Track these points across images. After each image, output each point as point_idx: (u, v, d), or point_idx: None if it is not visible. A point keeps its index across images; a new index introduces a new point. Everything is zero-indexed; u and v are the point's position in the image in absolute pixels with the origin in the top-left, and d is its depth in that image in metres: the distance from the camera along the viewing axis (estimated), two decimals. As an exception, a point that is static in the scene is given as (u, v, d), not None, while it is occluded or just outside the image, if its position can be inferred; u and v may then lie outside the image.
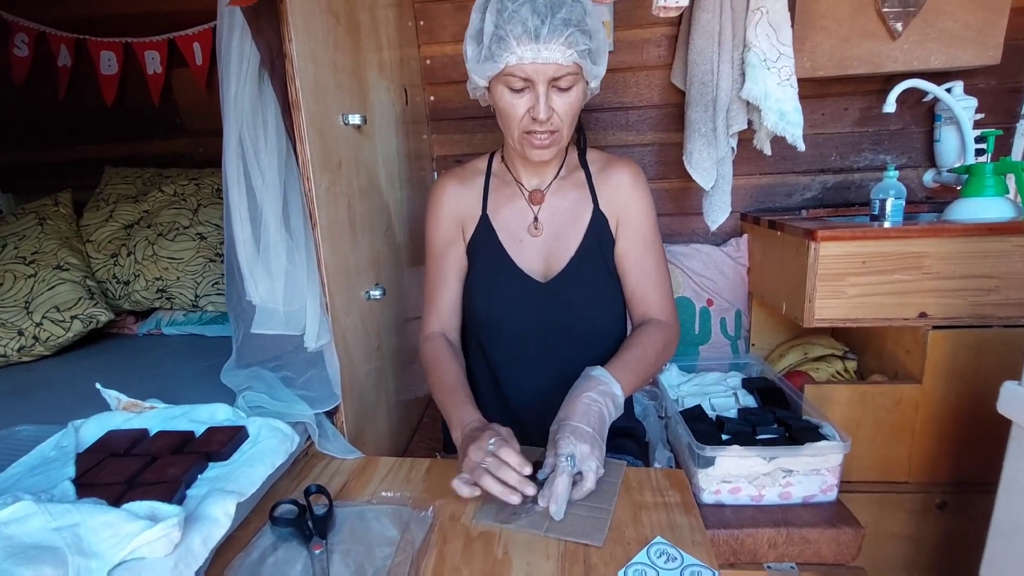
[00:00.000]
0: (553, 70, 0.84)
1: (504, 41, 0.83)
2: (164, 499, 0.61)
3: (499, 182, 1.05)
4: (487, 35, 0.85)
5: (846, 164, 1.52)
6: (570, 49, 0.82)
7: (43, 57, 1.79)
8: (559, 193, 1.02)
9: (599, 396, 0.81)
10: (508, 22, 0.82)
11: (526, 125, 0.89)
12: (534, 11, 0.82)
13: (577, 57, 0.84)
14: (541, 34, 0.81)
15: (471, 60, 0.90)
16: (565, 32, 0.81)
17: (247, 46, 0.76)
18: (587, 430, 0.76)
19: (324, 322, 0.85)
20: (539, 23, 0.81)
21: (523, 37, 0.82)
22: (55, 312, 1.33)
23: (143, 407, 0.85)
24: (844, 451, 0.97)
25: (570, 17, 0.82)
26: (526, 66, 0.84)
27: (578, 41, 0.83)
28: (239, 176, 0.78)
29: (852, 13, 1.28)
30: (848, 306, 1.12)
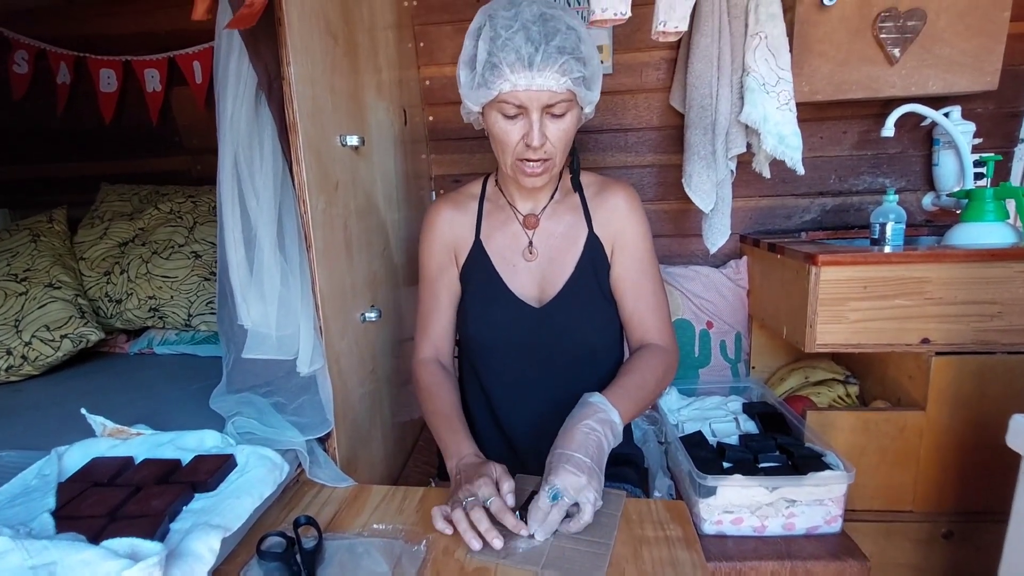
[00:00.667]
0: (547, 97, 0.83)
1: (497, 68, 0.82)
2: (146, 534, 0.58)
3: (493, 206, 1.05)
4: (480, 62, 0.85)
5: (845, 187, 1.52)
6: (564, 76, 0.82)
7: (42, 74, 1.79)
8: (554, 217, 1.01)
9: (597, 424, 0.79)
10: (501, 49, 0.82)
11: (520, 152, 0.89)
12: (528, 39, 0.81)
13: (571, 84, 0.83)
14: (535, 62, 0.80)
15: (464, 86, 0.89)
16: (559, 60, 0.81)
17: (244, 68, 0.76)
18: (585, 460, 0.74)
19: (318, 346, 0.84)
20: (533, 51, 0.80)
21: (516, 64, 0.81)
22: (45, 331, 1.31)
23: (129, 433, 0.82)
24: (848, 481, 0.95)
25: (564, 45, 0.82)
26: (520, 93, 0.83)
27: (572, 68, 0.82)
28: (233, 198, 0.77)
29: (850, 38, 1.29)
30: (850, 331, 1.11)
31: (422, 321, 1.06)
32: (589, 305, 0.99)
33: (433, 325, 1.04)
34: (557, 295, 0.98)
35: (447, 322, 1.05)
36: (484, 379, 1.03)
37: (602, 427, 0.80)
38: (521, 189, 1.01)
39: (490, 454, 1.03)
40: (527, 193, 1.02)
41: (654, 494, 1.07)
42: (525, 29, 0.81)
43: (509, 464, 0.83)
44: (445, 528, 0.72)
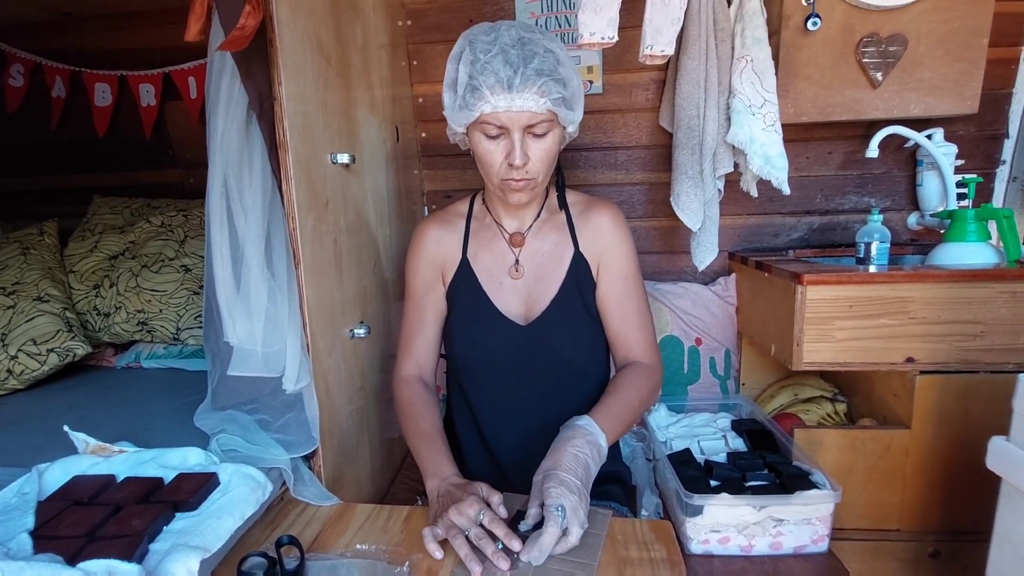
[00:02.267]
0: (527, 118, 0.85)
1: (478, 91, 0.84)
2: (124, 555, 0.58)
3: (480, 225, 1.05)
4: (461, 85, 0.87)
5: (831, 206, 1.54)
6: (543, 98, 0.84)
7: (38, 87, 1.80)
8: (540, 235, 1.02)
9: (586, 446, 0.80)
10: (481, 72, 0.84)
11: (503, 172, 0.90)
12: (506, 62, 0.83)
13: (551, 105, 0.85)
14: (514, 84, 0.82)
15: (448, 108, 0.91)
16: (538, 82, 0.83)
17: (236, 88, 0.77)
18: (575, 482, 0.74)
19: (304, 363, 0.84)
20: (511, 73, 0.82)
21: (496, 87, 0.83)
22: (31, 345, 1.30)
23: (112, 451, 0.82)
24: (835, 500, 0.95)
25: (542, 67, 0.84)
26: (500, 114, 0.85)
27: (551, 90, 0.84)
28: (222, 215, 0.77)
29: (834, 62, 1.31)
30: (836, 350, 1.12)
31: (406, 338, 1.06)
32: (575, 323, 0.99)
33: (417, 343, 1.04)
34: (543, 313, 0.98)
35: (431, 340, 1.05)
36: (470, 397, 1.03)
37: (590, 448, 0.80)
38: (507, 207, 1.02)
39: (476, 472, 1.03)
40: (513, 211, 1.02)
41: (641, 512, 1.06)
42: (504, 52, 0.84)
43: (495, 483, 0.83)
44: (436, 552, 0.72)
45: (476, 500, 0.75)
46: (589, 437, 0.81)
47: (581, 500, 0.73)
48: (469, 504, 0.74)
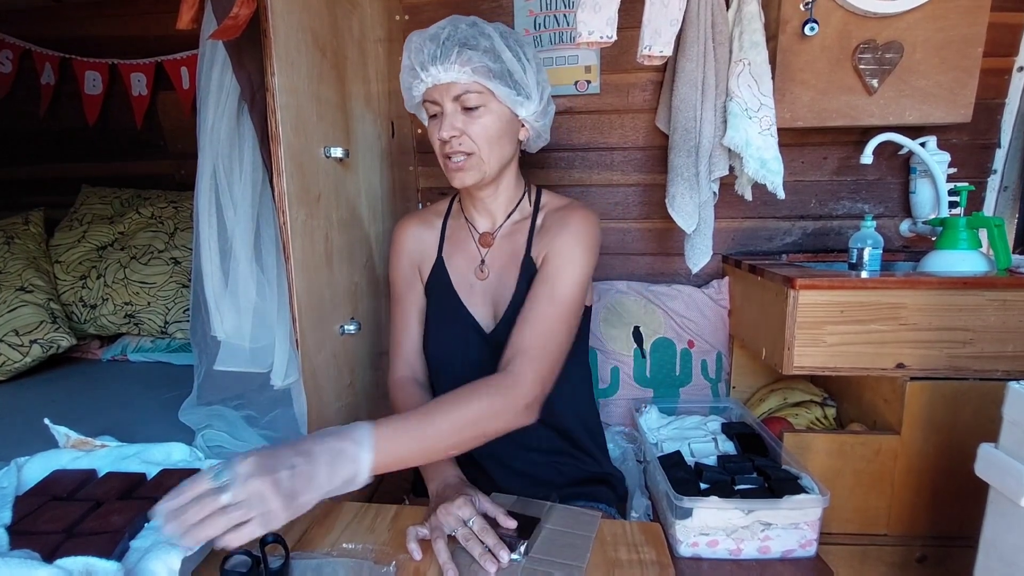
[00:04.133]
0: (454, 89, 0.88)
1: (413, 70, 0.89)
2: (103, 552, 0.57)
3: (455, 225, 1.05)
4: (404, 69, 0.92)
5: (825, 211, 1.54)
6: (464, 66, 0.86)
7: (26, 74, 1.77)
8: (508, 236, 1.00)
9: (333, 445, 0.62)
10: (413, 51, 0.89)
11: (442, 149, 0.92)
12: (432, 39, 0.88)
13: (474, 75, 0.87)
14: (437, 56, 0.86)
15: (406, 104, 0.97)
16: (455, 50, 0.86)
17: (227, 79, 0.75)
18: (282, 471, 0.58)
19: (293, 359, 0.82)
20: (435, 47, 0.87)
21: (425, 63, 0.87)
22: (13, 336, 1.28)
23: (93, 445, 0.80)
24: (823, 505, 0.95)
25: (464, 38, 0.87)
26: (431, 89, 0.89)
27: (471, 58, 0.86)
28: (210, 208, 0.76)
29: (830, 68, 1.32)
30: (827, 354, 1.12)
31: (394, 339, 1.05)
32: None
33: (405, 343, 1.03)
34: (502, 320, 0.96)
35: (418, 338, 1.04)
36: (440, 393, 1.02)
37: (335, 457, 0.62)
38: (477, 205, 1.02)
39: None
40: (482, 209, 1.02)
41: (631, 514, 1.06)
42: (433, 36, 0.88)
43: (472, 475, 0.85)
44: (415, 552, 0.71)
45: (466, 502, 0.74)
46: (349, 448, 0.63)
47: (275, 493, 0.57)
48: (458, 506, 0.74)
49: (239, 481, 0.55)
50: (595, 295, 1.50)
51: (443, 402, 0.75)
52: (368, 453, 0.64)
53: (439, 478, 0.85)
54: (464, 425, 0.73)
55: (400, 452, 0.67)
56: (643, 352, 1.46)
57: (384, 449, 0.65)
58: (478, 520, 0.73)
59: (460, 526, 0.73)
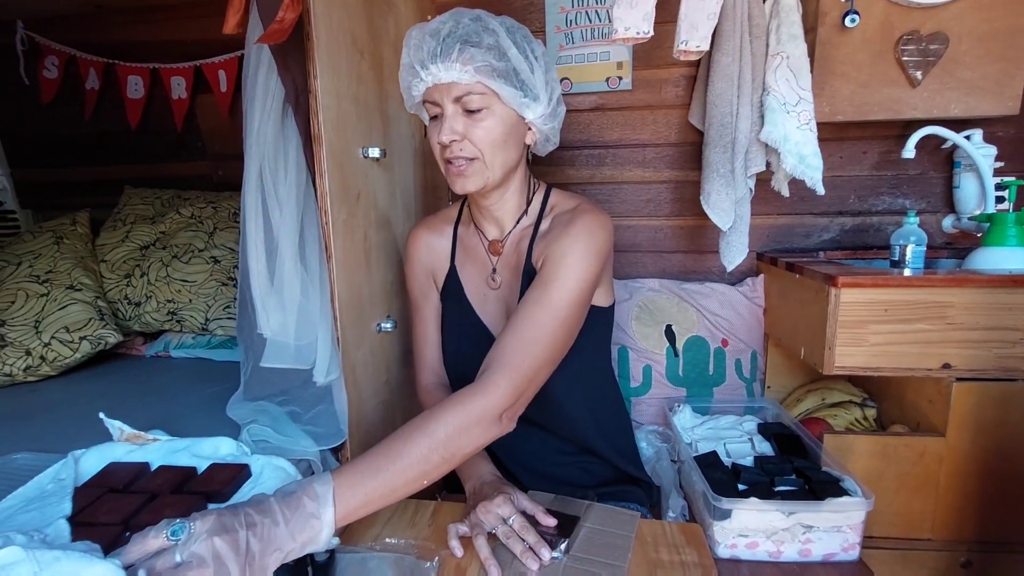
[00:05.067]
0: (455, 90, 0.82)
1: (412, 69, 0.84)
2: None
3: (466, 231, 1.02)
4: (403, 67, 0.87)
5: (864, 207, 1.50)
6: (466, 65, 0.80)
7: (72, 79, 1.83)
8: (517, 243, 0.96)
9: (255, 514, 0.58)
10: (413, 48, 0.84)
11: (442, 153, 0.86)
12: (432, 35, 0.82)
13: (478, 75, 0.80)
14: (437, 53, 0.81)
15: (406, 104, 0.92)
16: (456, 47, 0.80)
17: (272, 82, 0.77)
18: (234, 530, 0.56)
19: (335, 356, 0.84)
20: (435, 44, 0.81)
21: (425, 60, 0.82)
22: (64, 332, 1.33)
23: (145, 439, 0.83)
24: (868, 508, 0.93)
25: (466, 34, 0.81)
26: (431, 89, 0.84)
27: (475, 57, 0.80)
28: (257, 208, 0.77)
29: (872, 60, 1.28)
30: (870, 354, 1.09)
31: (417, 348, 1.04)
32: None
33: (427, 351, 1.03)
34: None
35: (439, 346, 1.03)
36: None
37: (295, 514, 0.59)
38: (485, 212, 0.97)
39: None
40: (491, 216, 0.97)
41: (668, 514, 1.05)
42: (433, 32, 0.83)
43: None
44: (457, 550, 0.72)
45: (506, 500, 0.74)
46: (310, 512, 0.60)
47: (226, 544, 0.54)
48: (498, 504, 0.74)
49: (196, 539, 0.54)
50: (626, 293, 1.49)
51: (407, 430, 0.69)
52: (328, 508, 0.60)
53: (475, 476, 0.85)
54: (431, 450, 0.68)
55: (365, 498, 0.63)
56: (676, 351, 1.44)
57: (346, 500, 0.62)
58: (518, 518, 0.73)
59: (500, 524, 0.73)
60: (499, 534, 0.72)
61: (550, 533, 0.74)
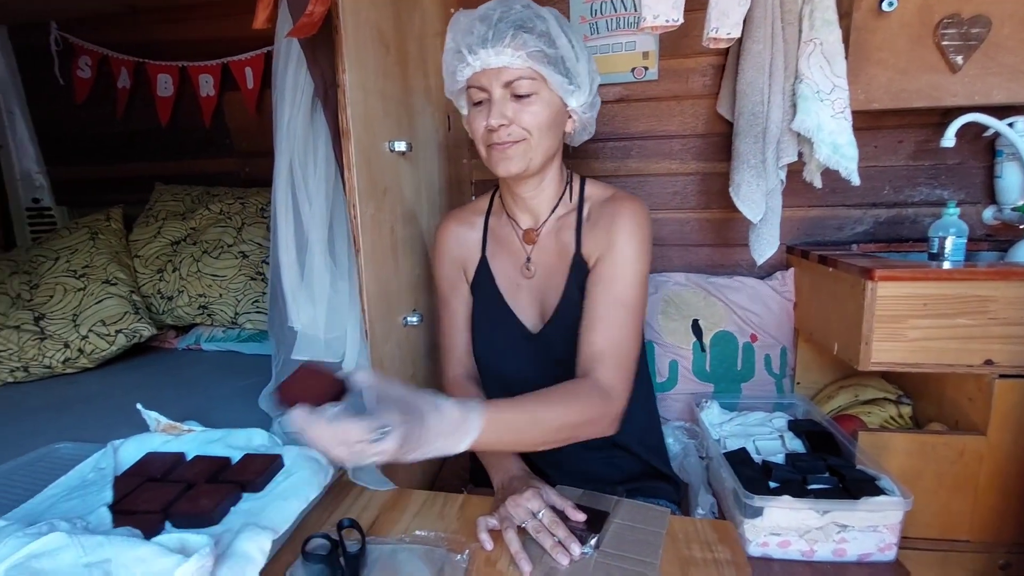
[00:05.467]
0: (506, 75, 0.82)
1: (459, 53, 0.84)
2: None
3: (497, 222, 1.02)
4: (448, 51, 0.86)
5: (900, 198, 1.46)
6: (519, 51, 0.80)
7: (104, 78, 1.88)
8: (553, 233, 0.95)
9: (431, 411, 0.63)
10: (460, 34, 0.84)
11: (486, 138, 0.86)
12: (482, 19, 0.82)
13: (530, 60, 0.81)
14: (488, 38, 0.81)
15: (445, 89, 0.92)
16: (510, 32, 0.80)
17: (302, 76, 0.77)
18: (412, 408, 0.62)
19: (363, 349, 0.84)
20: (486, 29, 0.81)
21: (474, 45, 0.82)
22: (101, 326, 1.36)
23: (181, 430, 0.85)
24: (906, 508, 0.90)
25: (520, 20, 0.82)
26: (479, 74, 0.84)
27: (527, 42, 0.80)
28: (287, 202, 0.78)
29: (910, 46, 1.24)
30: (908, 350, 1.06)
31: (445, 341, 1.04)
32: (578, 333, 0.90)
33: (456, 344, 1.02)
34: (549, 322, 0.93)
35: (468, 339, 1.02)
36: (490, 393, 1.00)
37: (453, 425, 0.64)
38: (519, 201, 0.96)
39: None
40: (525, 205, 0.97)
41: (696, 511, 1.04)
42: (483, 17, 0.83)
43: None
44: (487, 543, 0.71)
45: (535, 495, 0.74)
46: (458, 421, 0.65)
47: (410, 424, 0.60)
48: (527, 498, 0.74)
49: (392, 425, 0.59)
50: (651, 287, 1.47)
51: (548, 399, 0.75)
52: (474, 433, 0.65)
53: (503, 470, 0.85)
54: (562, 426, 0.74)
55: (498, 439, 0.69)
56: (703, 346, 1.42)
57: (489, 432, 0.66)
58: (548, 513, 0.73)
59: (530, 518, 0.73)
60: (528, 528, 0.72)
61: (580, 528, 0.73)
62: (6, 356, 1.28)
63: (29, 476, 0.80)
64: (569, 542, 0.69)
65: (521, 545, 0.69)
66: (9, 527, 0.56)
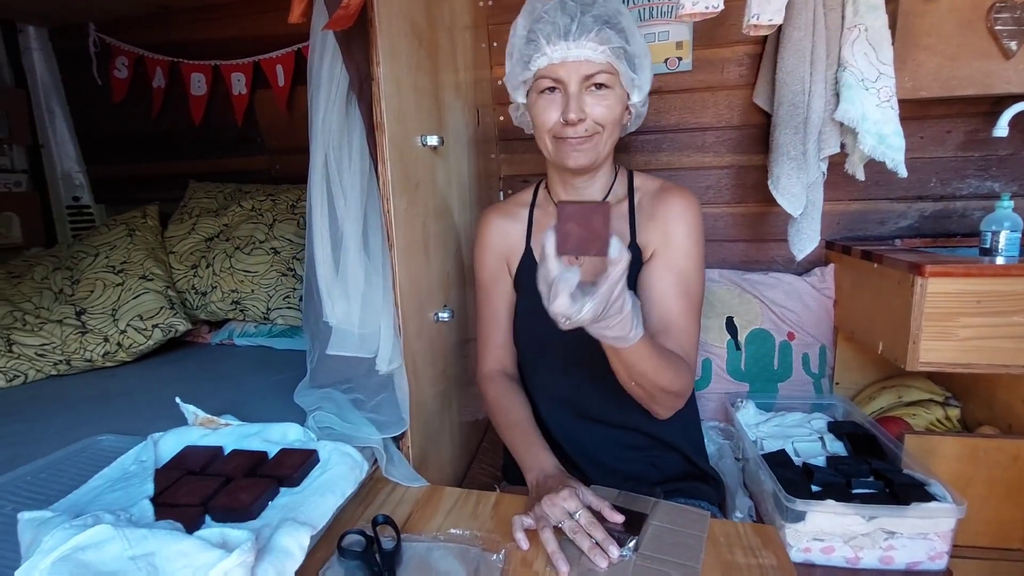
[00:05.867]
0: (586, 68, 0.82)
1: (535, 43, 0.83)
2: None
3: (543, 213, 1.02)
4: (519, 38, 0.86)
5: (948, 191, 1.39)
6: (602, 45, 0.81)
7: (140, 78, 1.92)
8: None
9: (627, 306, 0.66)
10: (538, 22, 0.83)
11: (557, 130, 0.86)
12: (564, 11, 0.82)
13: (610, 55, 0.82)
14: (571, 31, 0.80)
15: (508, 76, 0.91)
16: (595, 27, 0.80)
17: (337, 70, 0.77)
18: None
19: (397, 345, 0.84)
20: (568, 21, 0.81)
21: (553, 36, 0.81)
22: (139, 320, 1.39)
23: (219, 423, 0.85)
24: (959, 515, 0.86)
25: (602, 14, 0.82)
26: (557, 66, 0.83)
27: (610, 38, 0.81)
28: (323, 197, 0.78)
29: (960, 31, 1.18)
30: (959, 349, 1.01)
31: (482, 334, 1.04)
32: None
33: (493, 337, 1.02)
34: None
35: (505, 333, 1.03)
36: (531, 388, 1.00)
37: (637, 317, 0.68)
38: (569, 191, 0.97)
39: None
40: (577, 196, 0.97)
41: (735, 514, 1.01)
42: (564, 7, 0.82)
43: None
44: (523, 542, 0.70)
45: (572, 494, 0.72)
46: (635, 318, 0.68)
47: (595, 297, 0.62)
48: (564, 497, 0.72)
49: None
50: (685, 284, 1.44)
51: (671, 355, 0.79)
52: (639, 333, 0.69)
53: (537, 467, 0.84)
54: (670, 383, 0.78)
55: (639, 358, 0.72)
56: (737, 344, 1.39)
57: (640, 345, 0.70)
58: (585, 513, 0.71)
59: (566, 518, 0.71)
60: (565, 529, 0.71)
61: (617, 530, 0.71)
62: (50, 349, 1.31)
63: (75, 467, 0.82)
64: (607, 544, 0.68)
65: (558, 545, 0.68)
66: (56, 518, 0.57)
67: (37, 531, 0.55)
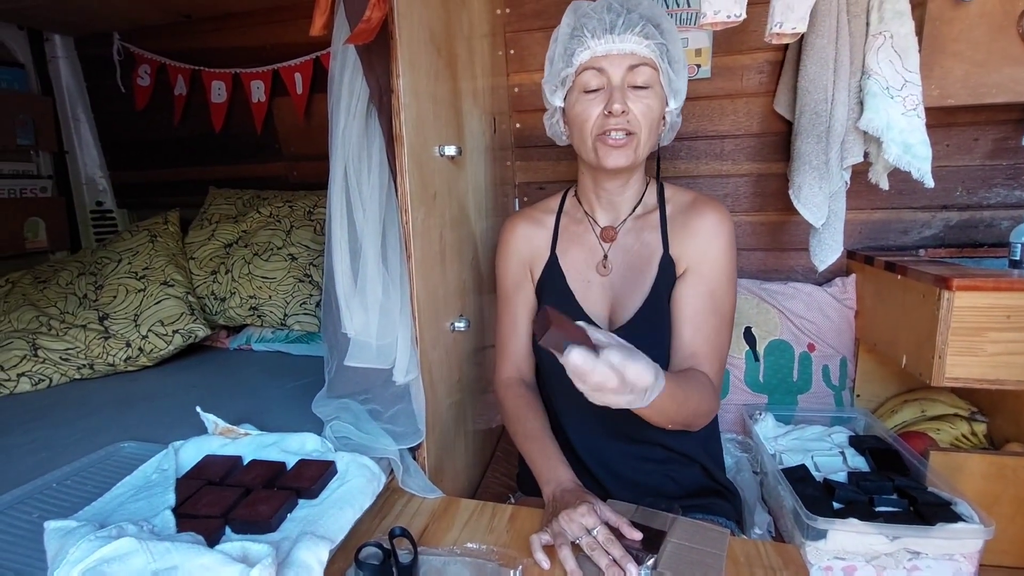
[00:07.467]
0: (629, 60, 0.84)
1: (579, 37, 0.85)
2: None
3: (570, 220, 1.02)
4: (563, 35, 0.88)
5: (974, 200, 1.36)
6: (646, 40, 0.84)
7: (162, 86, 1.95)
8: (632, 232, 0.96)
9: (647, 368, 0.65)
10: (583, 17, 0.86)
11: (600, 126, 0.86)
12: (609, 8, 0.85)
13: (654, 50, 0.84)
14: (616, 25, 0.84)
15: (547, 78, 0.92)
16: (640, 23, 0.83)
17: (358, 83, 0.77)
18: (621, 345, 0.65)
19: (413, 356, 0.84)
20: (615, 16, 0.84)
21: (598, 30, 0.84)
22: (160, 326, 1.41)
23: (238, 433, 0.86)
24: (987, 536, 0.84)
25: (651, 15, 0.85)
26: (600, 58, 0.85)
27: (654, 34, 0.84)
28: (342, 209, 0.78)
29: (990, 36, 1.15)
30: (987, 365, 0.99)
31: (501, 340, 1.04)
32: (660, 332, 0.90)
33: (513, 344, 1.02)
34: (629, 322, 0.91)
35: (527, 340, 1.02)
36: (554, 399, 0.99)
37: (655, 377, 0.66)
38: (600, 198, 0.98)
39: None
40: (607, 203, 0.98)
41: (753, 530, 1.00)
42: (610, 6, 0.86)
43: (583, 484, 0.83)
44: (543, 562, 0.70)
45: (590, 510, 0.72)
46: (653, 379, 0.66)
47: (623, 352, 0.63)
48: (581, 513, 0.72)
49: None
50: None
51: (690, 383, 0.79)
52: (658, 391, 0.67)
53: (554, 481, 0.83)
54: (696, 412, 0.79)
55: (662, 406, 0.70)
56: (756, 355, 1.37)
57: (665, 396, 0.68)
58: (602, 530, 0.70)
59: (584, 535, 0.71)
60: (583, 545, 0.70)
61: (636, 548, 0.71)
62: (74, 354, 1.34)
63: (98, 474, 0.83)
64: (625, 562, 0.67)
65: (577, 564, 0.68)
66: (81, 528, 0.58)
67: (63, 541, 0.56)
